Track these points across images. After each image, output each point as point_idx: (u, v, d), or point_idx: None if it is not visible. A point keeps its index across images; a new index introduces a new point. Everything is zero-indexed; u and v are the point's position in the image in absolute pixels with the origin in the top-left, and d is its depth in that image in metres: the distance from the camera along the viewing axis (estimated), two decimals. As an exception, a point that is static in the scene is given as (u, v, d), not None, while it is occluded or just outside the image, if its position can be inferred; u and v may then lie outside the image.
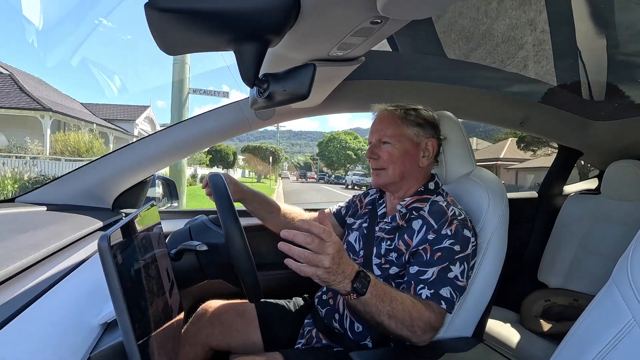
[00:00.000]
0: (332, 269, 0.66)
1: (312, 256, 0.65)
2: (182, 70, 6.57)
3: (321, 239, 0.65)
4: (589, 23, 1.15)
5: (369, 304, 0.73)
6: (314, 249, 0.65)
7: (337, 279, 0.68)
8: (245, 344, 1.06)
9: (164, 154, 1.25)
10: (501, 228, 0.95)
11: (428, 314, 0.79)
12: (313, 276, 0.67)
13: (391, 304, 0.75)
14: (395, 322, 0.76)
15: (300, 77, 0.65)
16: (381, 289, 0.75)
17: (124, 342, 0.45)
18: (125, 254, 0.50)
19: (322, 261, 0.65)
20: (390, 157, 0.97)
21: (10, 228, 0.81)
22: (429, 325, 0.79)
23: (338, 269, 0.67)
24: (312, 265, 0.65)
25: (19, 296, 0.56)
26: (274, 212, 1.18)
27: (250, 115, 1.27)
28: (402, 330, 0.77)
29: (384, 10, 0.58)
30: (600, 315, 0.51)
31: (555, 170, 2.03)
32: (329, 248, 0.65)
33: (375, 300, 0.73)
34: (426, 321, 0.78)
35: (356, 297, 0.71)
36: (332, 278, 0.68)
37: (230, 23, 0.55)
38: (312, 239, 0.65)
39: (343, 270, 0.69)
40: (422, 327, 0.78)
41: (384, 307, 0.74)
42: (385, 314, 0.74)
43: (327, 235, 0.66)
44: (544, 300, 1.66)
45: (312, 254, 0.65)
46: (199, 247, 0.86)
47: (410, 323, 0.77)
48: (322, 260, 0.65)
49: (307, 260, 0.65)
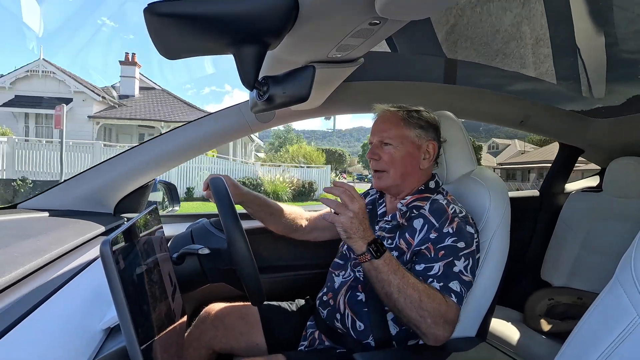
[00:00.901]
0: (355, 222, 0.79)
1: (340, 204, 0.80)
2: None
3: (352, 195, 0.80)
4: (587, 21, 1.15)
5: (381, 270, 0.79)
6: (345, 199, 0.80)
7: (356, 234, 0.79)
8: (249, 347, 1.06)
9: (164, 158, 1.25)
10: (503, 227, 0.95)
11: (439, 300, 0.79)
12: (339, 222, 0.79)
13: (403, 278, 0.79)
14: (404, 299, 0.78)
15: (300, 79, 0.66)
16: (396, 263, 0.81)
17: (127, 347, 0.45)
18: (127, 258, 0.50)
19: (347, 210, 0.79)
20: (392, 158, 0.97)
21: (13, 234, 0.81)
22: (439, 314, 0.78)
23: (360, 225, 0.79)
24: (341, 212, 0.79)
25: (22, 302, 0.56)
26: (275, 213, 1.18)
27: (250, 118, 1.27)
28: (411, 311, 0.78)
29: (382, 12, 0.58)
30: (605, 313, 0.51)
31: (556, 168, 2.02)
32: (355, 203, 0.80)
33: (387, 269, 0.79)
34: (436, 307, 0.78)
35: (369, 258, 0.79)
36: (353, 230, 0.79)
37: (230, 27, 0.55)
38: (344, 190, 0.81)
39: (364, 229, 0.80)
40: (432, 314, 0.78)
41: (395, 279, 0.79)
42: (395, 287, 0.79)
43: (357, 195, 0.82)
44: (547, 299, 1.65)
45: (341, 203, 0.80)
46: (201, 250, 0.86)
47: (418, 304, 0.77)
48: (348, 209, 0.79)
49: (337, 207, 0.80)
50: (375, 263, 0.79)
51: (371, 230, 0.82)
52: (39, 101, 14.32)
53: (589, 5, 1.08)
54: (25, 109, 14.34)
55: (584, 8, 1.10)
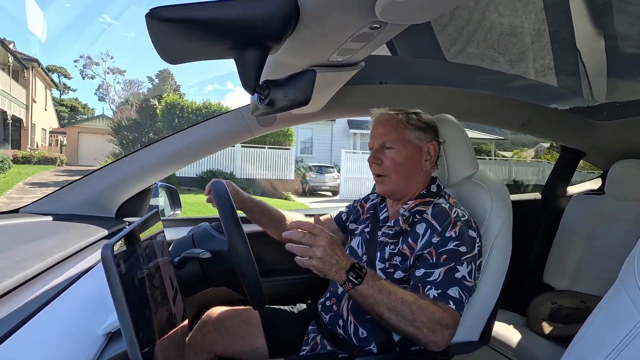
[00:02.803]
0: (326, 259, 0.75)
1: (306, 248, 0.75)
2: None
3: (312, 234, 0.75)
4: (588, 23, 1.15)
5: (366, 295, 0.77)
6: (306, 242, 0.75)
7: (332, 269, 0.76)
8: (250, 351, 1.06)
9: (166, 161, 1.25)
10: (505, 230, 0.95)
11: (433, 309, 0.78)
12: (310, 266, 0.75)
13: (390, 295, 0.78)
14: (396, 316, 0.77)
15: (301, 83, 0.66)
16: (379, 282, 0.79)
17: (128, 351, 0.45)
18: (128, 262, 0.50)
19: (314, 252, 0.74)
20: (394, 162, 0.96)
21: (15, 238, 0.81)
22: (434, 322, 0.77)
23: (332, 259, 0.75)
24: (307, 256, 0.75)
25: (24, 306, 0.56)
26: (275, 219, 1.18)
27: (251, 122, 1.27)
28: (406, 326, 0.77)
29: (382, 15, 0.58)
30: (608, 317, 0.51)
31: (558, 171, 2.02)
32: (319, 240, 0.75)
33: (372, 291, 0.77)
34: (430, 317, 0.77)
35: (352, 287, 0.77)
36: (327, 268, 0.75)
37: (231, 31, 0.55)
38: (302, 234, 0.76)
39: (337, 261, 0.76)
40: (427, 324, 0.77)
41: (382, 298, 0.77)
42: (384, 306, 0.77)
43: (318, 231, 0.76)
44: (550, 303, 1.64)
45: (306, 247, 0.75)
46: (202, 254, 0.86)
47: (411, 317, 0.77)
48: (314, 251, 0.74)
49: (301, 252, 0.75)
50: (358, 289, 0.77)
51: (346, 256, 0.78)
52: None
53: (590, 6, 1.08)
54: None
55: (584, 8, 1.10)
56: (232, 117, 1.27)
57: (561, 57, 1.34)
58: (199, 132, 1.27)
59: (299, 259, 0.76)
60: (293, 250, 0.77)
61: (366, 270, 0.79)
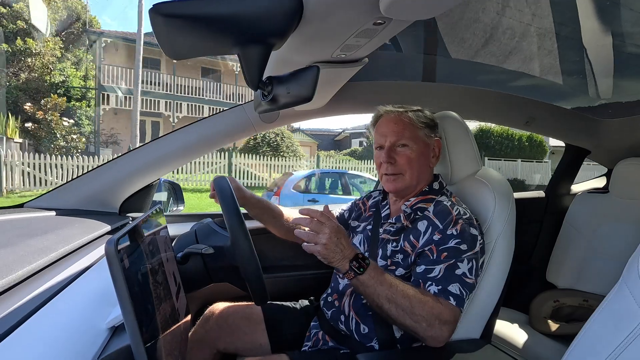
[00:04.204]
0: (330, 247, 0.77)
1: (312, 234, 0.78)
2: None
3: (319, 221, 0.78)
4: (595, 20, 1.14)
5: (367, 285, 0.79)
6: (313, 228, 0.79)
7: (336, 257, 0.78)
8: (252, 346, 1.06)
9: (169, 157, 1.26)
10: (508, 228, 0.94)
11: (433, 304, 0.79)
12: (315, 252, 0.78)
13: (390, 288, 0.79)
14: (396, 308, 0.78)
15: (304, 80, 0.66)
16: (381, 274, 0.81)
17: (132, 345, 0.46)
18: (132, 257, 0.51)
19: (319, 238, 0.77)
20: (409, 161, 0.95)
21: (20, 233, 0.82)
22: (433, 316, 0.78)
23: (336, 247, 0.78)
24: (312, 242, 0.78)
25: (29, 300, 0.56)
26: (277, 217, 1.18)
27: (254, 118, 1.27)
28: (405, 319, 0.78)
29: (386, 11, 0.58)
30: (611, 315, 0.50)
31: (562, 169, 2.00)
32: (325, 228, 0.78)
33: (373, 282, 0.79)
34: (429, 311, 0.78)
35: (354, 276, 0.79)
36: (330, 255, 0.78)
37: (234, 27, 0.55)
38: (310, 220, 0.79)
39: (341, 249, 0.78)
40: (426, 318, 0.78)
41: (383, 290, 0.79)
42: (384, 297, 0.79)
43: (325, 218, 0.79)
44: (553, 301, 1.64)
45: (312, 233, 0.78)
46: (205, 250, 0.86)
47: (410, 310, 0.78)
48: (320, 238, 0.77)
49: (307, 238, 0.78)
50: (360, 279, 0.79)
51: (350, 247, 0.81)
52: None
53: (596, 3, 1.07)
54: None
55: (591, 6, 1.09)
56: (235, 113, 1.27)
57: (567, 55, 1.33)
58: (201, 128, 1.27)
59: (305, 244, 0.79)
60: (301, 235, 0.80)
61: (369, 261, 0.81)
